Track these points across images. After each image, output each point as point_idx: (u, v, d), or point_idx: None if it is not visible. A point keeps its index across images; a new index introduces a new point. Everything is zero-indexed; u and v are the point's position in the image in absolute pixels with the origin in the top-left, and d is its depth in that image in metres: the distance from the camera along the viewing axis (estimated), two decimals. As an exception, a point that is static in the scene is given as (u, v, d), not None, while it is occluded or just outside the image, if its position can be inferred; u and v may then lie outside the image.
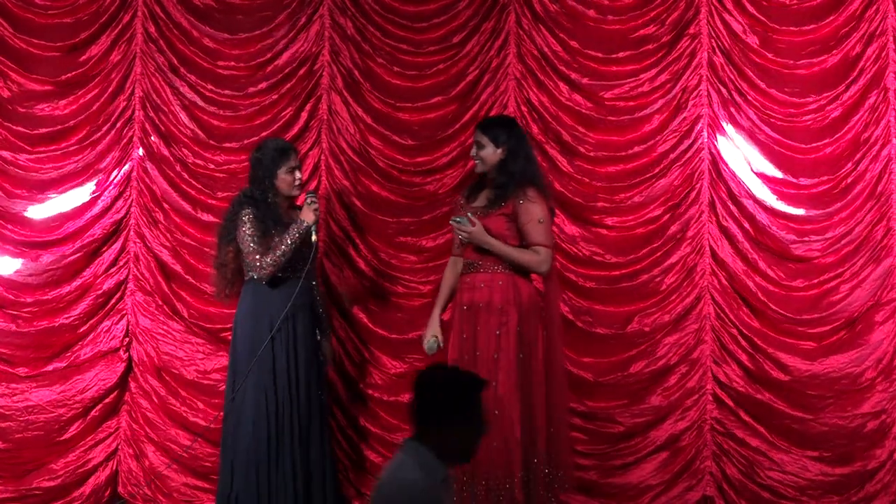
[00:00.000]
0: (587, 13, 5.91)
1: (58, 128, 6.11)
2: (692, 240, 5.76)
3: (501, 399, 4.73)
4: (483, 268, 4.90)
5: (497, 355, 4.77)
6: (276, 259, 5.14)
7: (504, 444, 4.72)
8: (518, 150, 4.95)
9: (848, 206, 5.68)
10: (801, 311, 5.65)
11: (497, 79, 5.95)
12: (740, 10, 5.79)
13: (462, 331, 4.89)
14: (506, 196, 4.89)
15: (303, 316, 5.25)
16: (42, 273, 6.06)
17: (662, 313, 5.75)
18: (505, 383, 4.75)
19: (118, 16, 6.12)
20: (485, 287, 4.86)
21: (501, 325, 4.81)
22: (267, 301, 5.19)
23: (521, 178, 4.90)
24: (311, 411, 5.22)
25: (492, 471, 4.72)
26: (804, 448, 5.58)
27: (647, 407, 5.70)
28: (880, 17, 5.69)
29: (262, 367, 5.15)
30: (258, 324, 5.18)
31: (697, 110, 5.80)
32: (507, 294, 4.85)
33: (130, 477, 5.94)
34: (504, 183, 4.91)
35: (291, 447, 5.15)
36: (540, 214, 4.87)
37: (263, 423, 5.11)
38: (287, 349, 5.17)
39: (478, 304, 4.86)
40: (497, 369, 4.76)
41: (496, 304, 4.84)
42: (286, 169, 5.25)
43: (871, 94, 5.69)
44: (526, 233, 4.87)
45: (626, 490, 5.67)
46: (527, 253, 4.87)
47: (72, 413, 5.97)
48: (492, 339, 4.80)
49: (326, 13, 6.04)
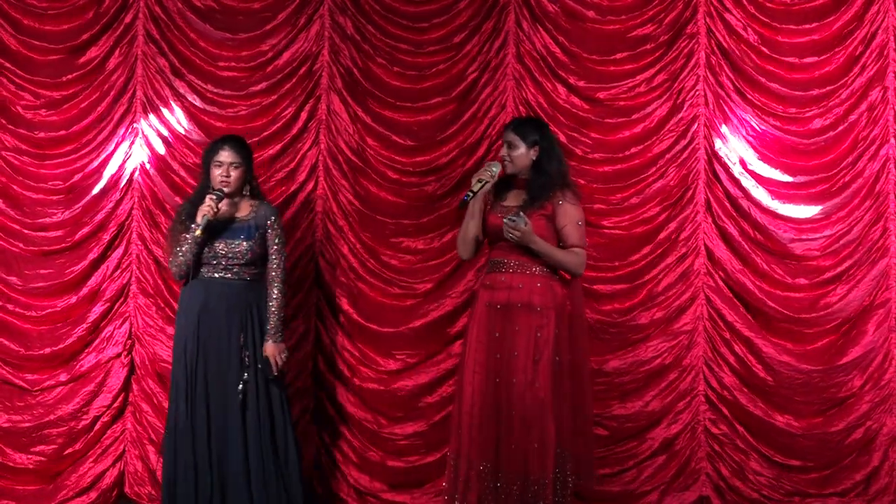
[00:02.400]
0: (586, 13, 5.91)
1: (61, 132, 6.12)
2: (688, 240, 5.77)
3: (543, 401, 4.73)
4: (519, 268, 4.87)
5: (538, 357, 4.76)
6: (178, 259, 5.21)
7: (541, 446, 4.72)
8: (551, 150, 4.96)
9: (845, 206, 5.68)
10: (796, 313, 5.66)
11: (496, 79, 5.96)
12: (739, 9, 5.79)
13: (493, 330, 4.85)
14: (544, 197, 4.88)
15: (228, 316, 5.20)
16: (49, 282, 6.07)
17: (657, 313, 5.76)
18: (545, 386, 4.75)
19: (119, 17, 6.12)
20: (524, 288, 4.83)
21: (541, 328, 4.79)
22: (189, 297, 5.25)
23: (559, 179, 4.92)
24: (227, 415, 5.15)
25: (528, 470, 4.73)
26: (791, 456, 5.61)
27: (642, 407, 5.71)
28: (881, 16, 5.69)
29: (178, 369, 5.21)
30: (187, 320, 5.22)
31: (694, 110, 5.80)
32: (546, 296, 4.83)
33: (136, 478, 5.96)
34: (543, 184, 4.90)
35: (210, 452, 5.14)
36: (579, 217, 4.90)
37: (183, 426, 5.14)
38: (197, 351, 5.17)
39: (516, 305, 4.82)
40: (537, 371, 4.75)
41: (535, 306, 4.82)
42: (214, 162, 5.25)
43: (870, 92, 5.69)
44: (566, 234, 4.87)
45: (622, 497, 5.70)
46: (569, 254, 4.87)
47: (82, 424, 5.99)
48: (531, 340, 4.78)
49: (326, 13, 6.05)
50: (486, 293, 4.93)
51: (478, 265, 5.68)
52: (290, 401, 5.50)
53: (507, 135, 4.99)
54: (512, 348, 4.80)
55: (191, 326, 5.19)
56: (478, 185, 4.85)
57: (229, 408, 5.16)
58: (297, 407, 5.88)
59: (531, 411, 4.71)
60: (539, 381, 4.73)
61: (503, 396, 4.77)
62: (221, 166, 5.24)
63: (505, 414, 4.76)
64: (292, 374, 5.88)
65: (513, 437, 4.74)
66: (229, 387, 5.17)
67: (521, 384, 4.74)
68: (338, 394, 5.96)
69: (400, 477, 5.85)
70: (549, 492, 4.71)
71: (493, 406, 4.79)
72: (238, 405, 5.16)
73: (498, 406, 4.78)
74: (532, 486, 4.71)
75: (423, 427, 5.84)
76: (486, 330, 4.88)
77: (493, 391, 4.80)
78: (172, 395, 5.24)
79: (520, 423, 4.73)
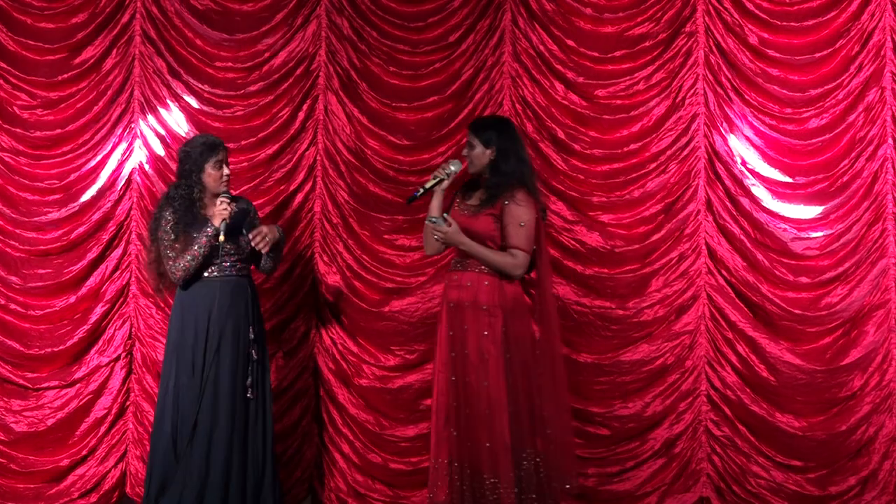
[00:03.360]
0: (583, 11, 5.91)
1: (57, 132, 6.09)
2: (689, 238, 5.78)
3: (494, 400, 4.73)
4: (470, 266, 4.88)
5: (486, 356, 4.76)
6: (186, 264, 5.08)
7: (494, 446, 4.71)
8: (509, 150, 4.90)
9: (844, 206, 5.69)
10: (799, 312, 5.66)
11: (492, 77, 5.96)
12: (738, 8, 5.79)
13: (450, 328, 4.87)
14: (496, 196, 4.85)
15: (234, 314, 5.15)
16: (47, 282, 6.05)
17: (659, 312, 5.76)
18: (495, 385, 4.74)
19: (116, 17, 6.10)
20: (471, 286, 4.83)
21: (488, 326, 4.79)
22: (192, 300, 5.14)
23: (513, 179, 4.87)
24: (235, 416, 5.09)
25: (482, 469, 4.74)
26: (792, 456, 5.62)
27: (642, 407, 5.72)
28: (878, 16, 5.70)
29: (183, 370, 5.10)
30: (184, 324, 5.14)
31: (694, 108, 5.80)
32: (493, 295, 4.81)
33: (137, 479, 5.94)
34: (496, 183, 4.87)
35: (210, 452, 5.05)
36: (523, 218, 4.82)
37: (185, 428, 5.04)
38: (210, 350, 5.08)
39: (464, 303, 4.84)
40: (487, 370, 4.76)
41: (482, 305, 4.81)
42: (213, 163, 5.15)
43: (868, 93, 5.70)
44: (506, 234, 4.83)
45: (623, 497, 5.71)
46: (500, 254, 4.83)
47: (85, 425, 5.98)
48: (479, 339, 4.79)
49: (323, 13, 6.04)
50: (446, 291, 4.96)
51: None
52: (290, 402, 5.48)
53: (468, 135, 4.98)
54: (464, 347, 4.82)
55: (200, 325, 5.10)
56: (430, 182, 4.86)
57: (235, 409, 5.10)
58: (297, 407, 5.88)
59: (484, 410, 4.72)
60: (490, 381, 4.74)
61: (461, 395, 4.80)
62: (221, 166, 5.18)
63: (463, 412, 4.79)
64: (293, 374, 5.88)
65: (470, 436, 4.76)
66: (238, 385, 5.11)
67: (474, 383, 4.76)
68: (338, 394, 5.95)
69: (402, 479, 5.85)
70: (510, 492, 4.69)
71: (454, 404, 4.82)
72: (242, 405, 5.11)
73: (458, 404, 4.81)
74: (489, 485, 4.71)
75: (425, 430, 5.80)
76: (445, 328, 4.91)
77: (453, 389, 4.82)
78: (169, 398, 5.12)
79: (474, 421, 4.75)
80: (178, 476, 5.04)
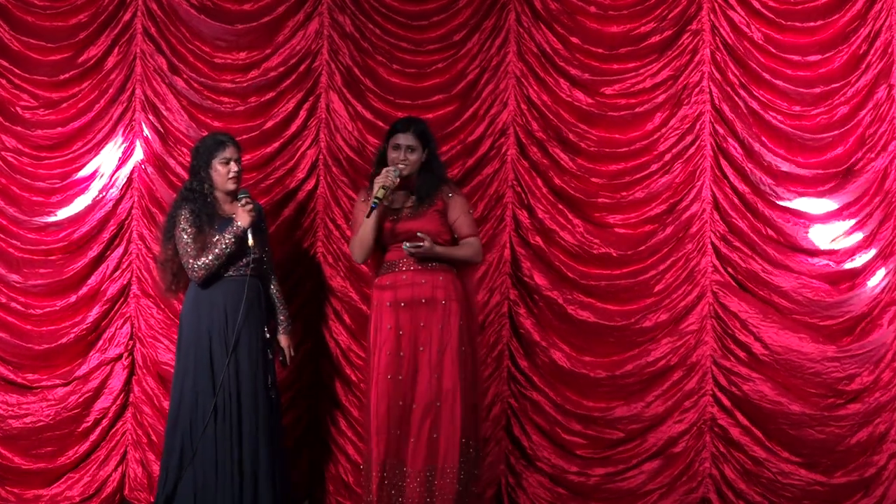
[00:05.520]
0: (588, 9, 5.90)
1: (58, 131, 6.08)
2: (694, 237, 5.75)
3: (447, 392, 4.91)
4: (419, 264, 5.01)
5: (443, 349, 4.93)
6: (209, 263, 5.07)
7: (448, 434, 4.89)
8: (434, 149, 5.20)
9: (854, 203, 5.66)
10: (806, 309, 5.63)
11: (497, 77, 5.95)
12: (744, 5, 5.78)
13: (399, 327, 4.98)
14: (434, 194, 5.08)
15: (251, 313, 5.13)
16: (48, 281, 6.02)
17: (663, 312, 5.73)
18: (450, 377, 4.93)
19: (118, 15, 6.08)
20: (427, 284, 5.00)
21: (445, 321, 4.97)
22: (209, 299, 5.12)
23: (443, 174, 5.21)
24: (258, 411, 5.08)
25: (434, 462, 4.88)
26: (800, 454, 5.58)
27: (644, 407, 5.68)
28: (885, 14, 5.68)
29: (200, 368, 5.07)
30: (199, 322, 5.11)
31: (700, 107, 5.79)
32: (448, 289, 5.01)
33: (136, 482, 5.91)
34: (431, 182, 5.10)
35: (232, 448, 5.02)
36: (467, 206, 5.19)
37: (200, 425, 5.01)
38: (228, 349, 5.06)
39: (420, 301, 4.98)
40: (442, 363, 4.93)
41: (440, 300, 4.98)
42: (221, 159, 5.16)
43: (876, 90, 5.68)
44: (459, 225, 5.11)
45: (626, 495, 5.66)
46: (466, 248, 5.11)
47: (84, 427, 5.95)
48: (436, 334, 4.96)
49: (325, 11, 6.02)
50: (386, 293, 5.04)
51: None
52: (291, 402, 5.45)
53: (407, 139, 5.10)
54: (417, 344, 4.96)
55: (217, 323, 5.08)
56: (381, 192, 4.96)
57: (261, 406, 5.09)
58: (299, 408, 5.86)
59: (435, 402, 4.89)
60: (445, 372, 4.92)
61: (407, 394, 4.92)
62: (228, 163, 5.19)
63: (408, 410, 4.91)
64: (295, 374, 5.85)
65: (419, 432, 4.89)
66: (258, 386, 5.10)
67: (425, 378, 4.92)
68: (340, 395, 5.90)
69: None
70: (454, 480, 4.84)
71: (397, 405, 4.92)
72: (265, 402, 5.11)
73: (403, 404, 4.91)
74: (437, 476, 4.85)
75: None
76: (391, 328, 4.99)
77: (397, 390, 4.93)
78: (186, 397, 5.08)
79: (424, 415, 4.88)
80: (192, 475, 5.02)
